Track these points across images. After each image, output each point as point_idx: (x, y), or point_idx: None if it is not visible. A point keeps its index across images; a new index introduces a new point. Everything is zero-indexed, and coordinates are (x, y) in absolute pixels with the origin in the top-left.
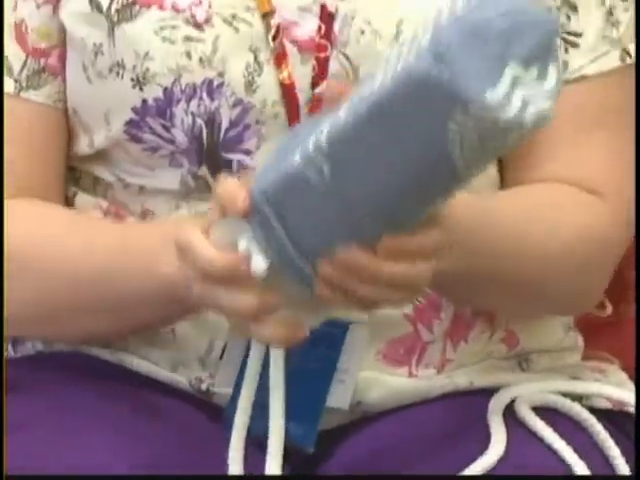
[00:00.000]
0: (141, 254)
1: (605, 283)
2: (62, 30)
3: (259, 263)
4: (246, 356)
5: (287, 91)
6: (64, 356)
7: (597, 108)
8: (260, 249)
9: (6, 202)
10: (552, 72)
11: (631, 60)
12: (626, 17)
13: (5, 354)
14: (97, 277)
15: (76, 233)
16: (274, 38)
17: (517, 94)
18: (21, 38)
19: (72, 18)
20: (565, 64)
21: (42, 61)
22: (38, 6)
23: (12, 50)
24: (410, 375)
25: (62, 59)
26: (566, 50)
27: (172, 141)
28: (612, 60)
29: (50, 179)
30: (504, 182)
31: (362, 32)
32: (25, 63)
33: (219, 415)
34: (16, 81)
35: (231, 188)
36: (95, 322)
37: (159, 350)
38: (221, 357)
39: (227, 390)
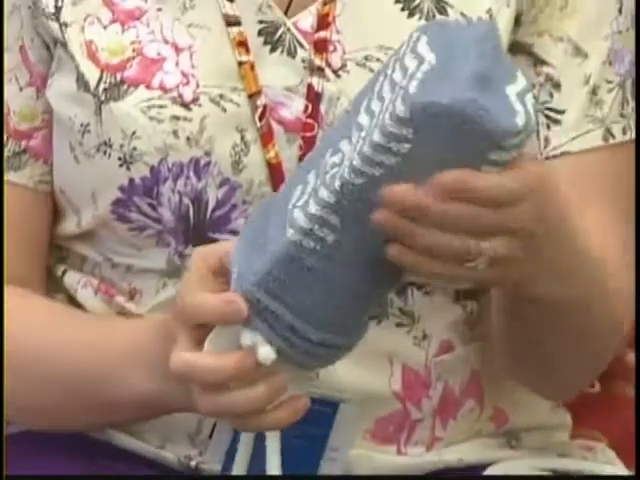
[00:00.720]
0: (115, 367)
1: (607, 358)
2: (48, 111)
3: (267, 353)
4: (236, 435)
5: (274, 171)
6: (50, 434)
7: (580, 185)
8: (265, 339)
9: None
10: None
11: (614, 140)
12: (610, 97)
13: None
14: (76, 381)
15: (55, 335)
16: (260, 118)
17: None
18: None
19: (59, 98)
20: (547, 140)
21: (23, 143)
22: (21, 88)
23: None
24: (399, 453)
25: (46, 141)
26: (548, 127)
27: (159, 220)
28: (595, 139)
29: (31, 262)
30: None
31: (348, 112)
32: (6, 145)
33: None
34: None
35: (218, 302)
36: (77, 421)
37: (148, 427)
38: (210, 436)
39: (216, 467)
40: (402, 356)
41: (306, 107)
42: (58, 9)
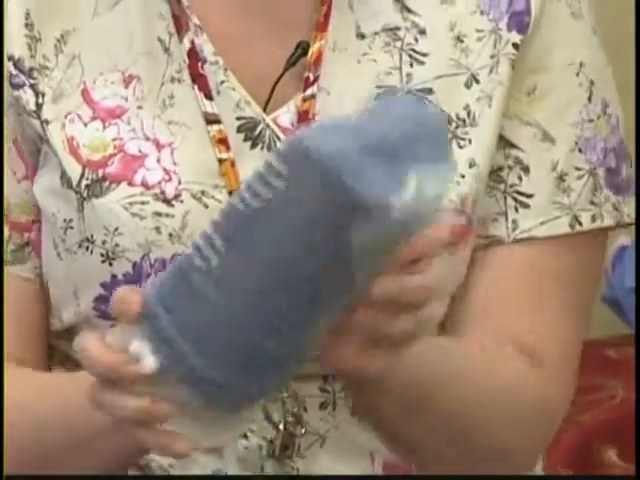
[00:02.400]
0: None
1: (541, 448)
2: (38, 205)
3: (148, 362)
4: None
5: None
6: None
7: (546, 273)
8: (152, 350)
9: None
10: (444, 163)
11: (581, 228)
12: (579, 184)
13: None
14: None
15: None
16: None
17: (416, 190)
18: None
19: (44, 194)
20: (515, 223)
21: (25, 236)
22: (18, 181)
23: None
24: None
25: (39, 234)
26: (517, 210)
27: None
28: (562, 226)
29: (34, 349)
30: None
31: None
32: (10, 238)
33: None
34: None
35: (124, 294)
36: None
37: None
38: None
39: None
40: (384, 451)
41: None
42: (39, 106)
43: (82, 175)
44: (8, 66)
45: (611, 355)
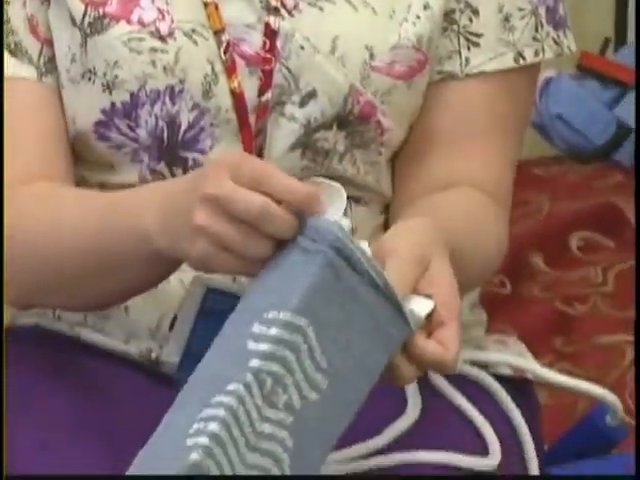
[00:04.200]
0: (126, 210)
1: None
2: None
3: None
4: (193, 329)
5: (237, 99)
6: (27, 330)
7: (492, 109)
8: None
9: (17, 188)
10: None
11: (525, 62)
12: (522, 23)
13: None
14: (92, 237)
15: (76, 203)
16: (225, 52)
17: None
18: (33, 29)
19: (55, 21)
20: (467, 60)
21: (52, 50)
22: (42, 2)
23: (29, 41)
24: None
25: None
26: (468, 48)
27: (136, 139)
28: (507, 60)
29: (66, 159)
30: (396, 176)
31: (302, 47)
32: (41, 51)
33: (167, 382)
34: (37, 68)
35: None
36: (94, 286)
37: (113, 323)
38: (170, 329)
39: (174, 359)
40: None
41: (264, 43)
42: None
43: (85, 13)
44: None
45: (538, 174)
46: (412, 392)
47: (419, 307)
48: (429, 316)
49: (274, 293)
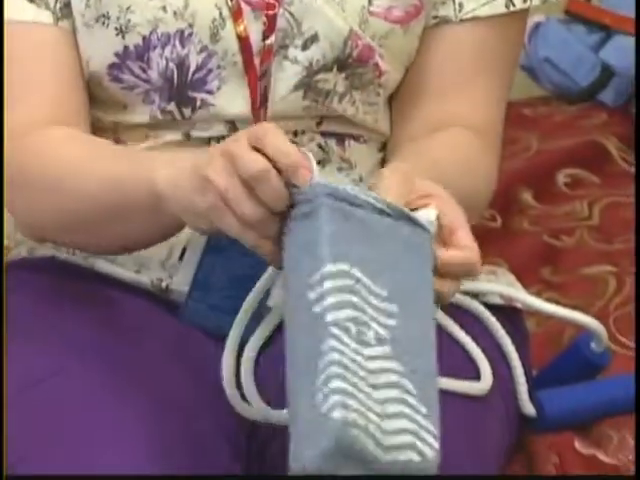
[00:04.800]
0: (140, 162)
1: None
2: None
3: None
4: (201, 260)
5: (243, 43)
6: (44, 261)
7: (483, 52)
8: None
9: (40, 132)
10: None
11: (514, 8)
12: None
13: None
14: (104, 184)
15: (97, 152)
16: None
17: None
18: None
19: None
20: (461, 5)
21: None
22: None
23: None
24: None
25: None
26: None
27: (148, 81)
28: (499, 6)
29: (82, 101)
30: (393, 116)
31: None
32: None
33: (175, 310)
34: (53, 13)
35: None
36: (104, 231)
37: (125, 255)
38: (180, 259)
39: (184, 288)
40: None
41: None
42: None
43: None
44: None
45: (527, 114)
46: None
47: (425, 216)
48: (438, 223)
49: (304, 260)
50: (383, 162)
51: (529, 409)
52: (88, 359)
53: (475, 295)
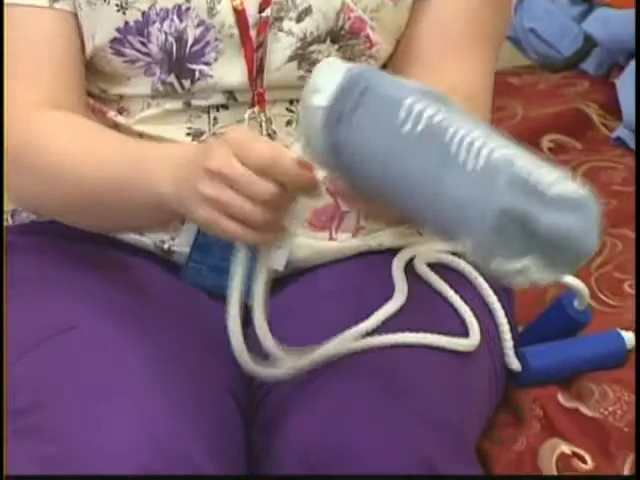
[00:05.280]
0: (142, 167)
1: None
2: None
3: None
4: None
5: (239, 16)
6: (53, 224)
7: (473, 21)
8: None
9: (39, 113)
10: None
11: None
12: None
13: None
14: (106, 183)
15: (100, 144)
16: None
17: None
18: None
19: None
20: None
21: None
22: None
23: None
24: (330, 239)
25: None
26: None
27: (148, 54)
28: None
29: (77, 82)
30: None
31: None
32: None
33: (177, 271)
34: None
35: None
36: (100, 223)
37: None
38: (182, 223)
39: (185, 249)
40: None
41: None
42: None
43: None
44: None
45: (513, 82)
46: (399, 279)
47: None
48: None
49: (384, 115)
50: None
51: (515, 364)
52: (98, 314)
53: (463, 256)
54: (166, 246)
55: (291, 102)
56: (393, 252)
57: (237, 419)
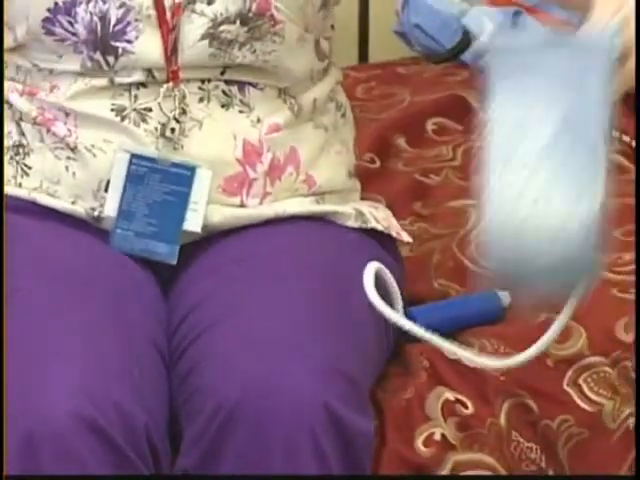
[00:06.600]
0: None
1: None
2: None
3: None
4: (124, 190)
5: None
6: None
7: None
8: None
9: None
10: None
11: None
12: None
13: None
14: None
15: None
16: None
17: None
18: None
19: None
20: None
21: None
22: None
23: None
24: (241, 205)
25: None
26: None
27: (75, 34)
28: None
29: None
30: None
31: None
32: None
33: (107, 237)
34: None
35: None
36: None
37: (63, 187)
38: (106, 190)
39: (112, 214)
40: (242, 133)
41: None
42: None
43: None
44: None
45: (401, 72)
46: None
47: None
48: None
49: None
50: (292, 107)
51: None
52: (39, 278)
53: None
54: (96, 213)
55: (203, 81)
56: (295, 218)
57: (162, 370)
